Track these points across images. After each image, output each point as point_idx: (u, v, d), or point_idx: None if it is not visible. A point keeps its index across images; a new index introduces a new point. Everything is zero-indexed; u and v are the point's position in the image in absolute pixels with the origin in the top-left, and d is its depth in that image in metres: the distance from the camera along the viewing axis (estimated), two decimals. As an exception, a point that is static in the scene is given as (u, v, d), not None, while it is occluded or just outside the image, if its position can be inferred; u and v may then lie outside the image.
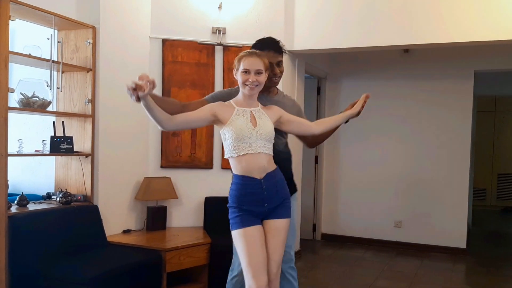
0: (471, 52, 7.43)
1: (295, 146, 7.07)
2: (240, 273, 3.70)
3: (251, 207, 3.28)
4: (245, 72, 3.26)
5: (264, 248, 3.27)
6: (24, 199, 4.73)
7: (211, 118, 3.27)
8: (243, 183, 3.27)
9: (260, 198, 3.26)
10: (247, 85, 3.27)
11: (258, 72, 3.26)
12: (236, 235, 3.28)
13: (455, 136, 7.72)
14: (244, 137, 3.22)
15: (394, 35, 6.03)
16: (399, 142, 8.05)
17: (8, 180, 4.35)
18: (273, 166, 3.35)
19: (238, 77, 3.30)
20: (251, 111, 3.32)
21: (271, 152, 3.32)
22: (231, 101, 3.38)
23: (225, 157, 3.35)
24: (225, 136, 3.29)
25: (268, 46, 3.61)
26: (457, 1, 5.73)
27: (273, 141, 3.34)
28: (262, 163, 3.27)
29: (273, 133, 3.34)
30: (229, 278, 3.89)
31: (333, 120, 3.66)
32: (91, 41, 5.19)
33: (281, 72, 3.69)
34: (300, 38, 6.49)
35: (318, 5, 6.39)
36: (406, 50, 7.79)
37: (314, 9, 6.40)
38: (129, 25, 5.67)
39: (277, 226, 3.35)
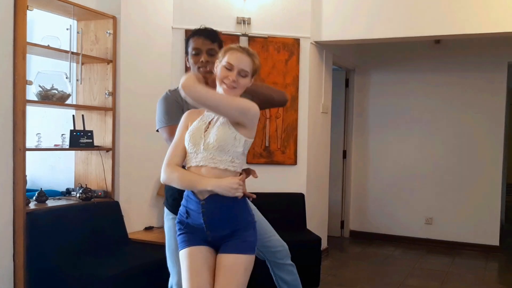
0: (504, 43, 7.26)
1: (323, 140, 6.95)
2: None
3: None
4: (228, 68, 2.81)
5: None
6: (43, 195, 4.66)
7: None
8: None
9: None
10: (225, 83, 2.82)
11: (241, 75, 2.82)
12: None
13: (488, 129, 7.57)
14: None
15: (425, 26, 5.91)
16: (429, 136, 7.91)
17: (26, 176, 4.31)
18: None
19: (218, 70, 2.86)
20: None
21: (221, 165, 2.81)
22: None
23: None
24: None
25: (199, 33, 3.31)
26: (491, -10, 5.60)
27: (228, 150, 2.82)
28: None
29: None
30: None
31: None
32: (111, 31, 5.08)
33: (211, 63, 3.18)
34: (327, 28, 6.35)
35: (346, -5, 6.28)
36: (437, 41, 7.64)
37: (342, -2, 6.30)
38: (151, 15, 5.58)
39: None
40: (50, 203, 4.69)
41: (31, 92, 4.53)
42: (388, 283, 5.93)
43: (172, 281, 3.51)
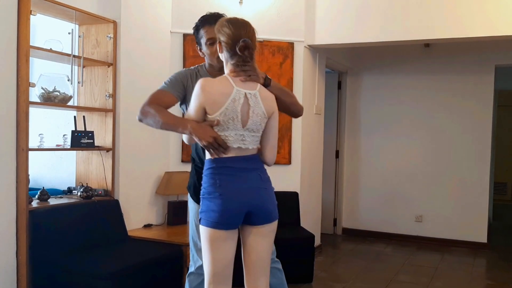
0: (492, 46, 7.37)
1: (316, 141, 7.08)
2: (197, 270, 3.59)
3: None
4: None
5: None
6: (45, 194, 4.73)
7: None
8: None
9: None
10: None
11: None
12: None
13: (476, 130, 7.67)
14: None
15: (414, 30, 5.99)
16: (419, 137, 8.00)
17: (29, 175, 4.35)
18: None
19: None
20: None
21: None
22: None
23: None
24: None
25: (209, 21, 3.25)
26: (478, -5, 5.69)
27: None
28: None
29: None
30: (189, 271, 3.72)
31: None
32: (112, 35, 5.17)
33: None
34: (320, 32, 6.45)
35: (339, 0, 6.35)
36: (427, 44, 7.72)
37: (335, 3, 6.36)
38: (150, 20, 5.66)
39: None
40: (52, 201, 4.74)
41: (34, 94, 4.58)
42: (380, 279, 5.99)
43: (194, 263, 3.65)
